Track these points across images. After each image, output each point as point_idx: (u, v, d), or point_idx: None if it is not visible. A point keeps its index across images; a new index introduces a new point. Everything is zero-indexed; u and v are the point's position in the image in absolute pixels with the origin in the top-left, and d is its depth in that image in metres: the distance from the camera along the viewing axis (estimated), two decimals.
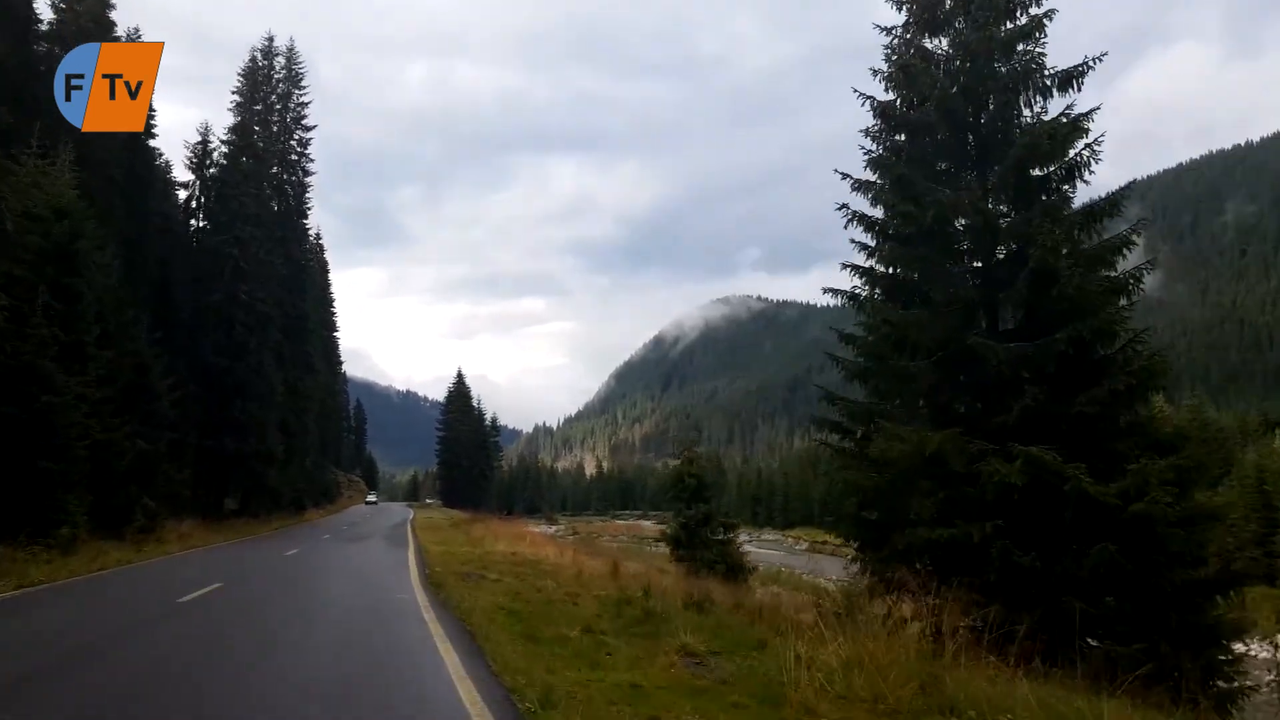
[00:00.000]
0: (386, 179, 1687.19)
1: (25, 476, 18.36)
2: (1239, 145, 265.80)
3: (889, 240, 12.25)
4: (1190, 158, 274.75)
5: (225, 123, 41.54)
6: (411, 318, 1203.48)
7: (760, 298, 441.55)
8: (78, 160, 26.53)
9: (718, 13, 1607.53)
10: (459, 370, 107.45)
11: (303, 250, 53.17)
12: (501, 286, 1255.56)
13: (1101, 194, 11.69)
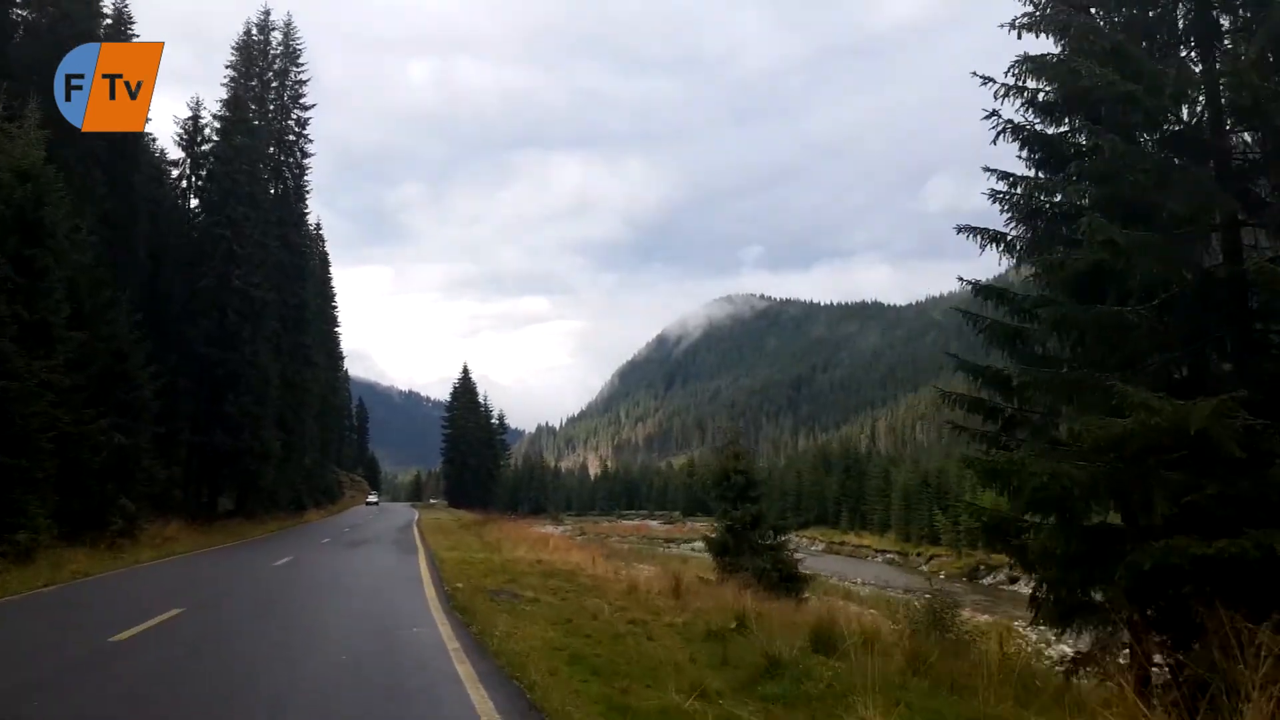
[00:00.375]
0: (388, 178, 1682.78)
1: None
2: None
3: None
4: None
5: (219, 98, 38.76)
6: (414, 317, 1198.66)
7: (763, 296, 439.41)
8: (50, 127, 23.95)
9: (722, 10, 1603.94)
10: (465, 365, 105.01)
11: (301, 236, 50.38)
12: (505, 285, 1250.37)
13: None
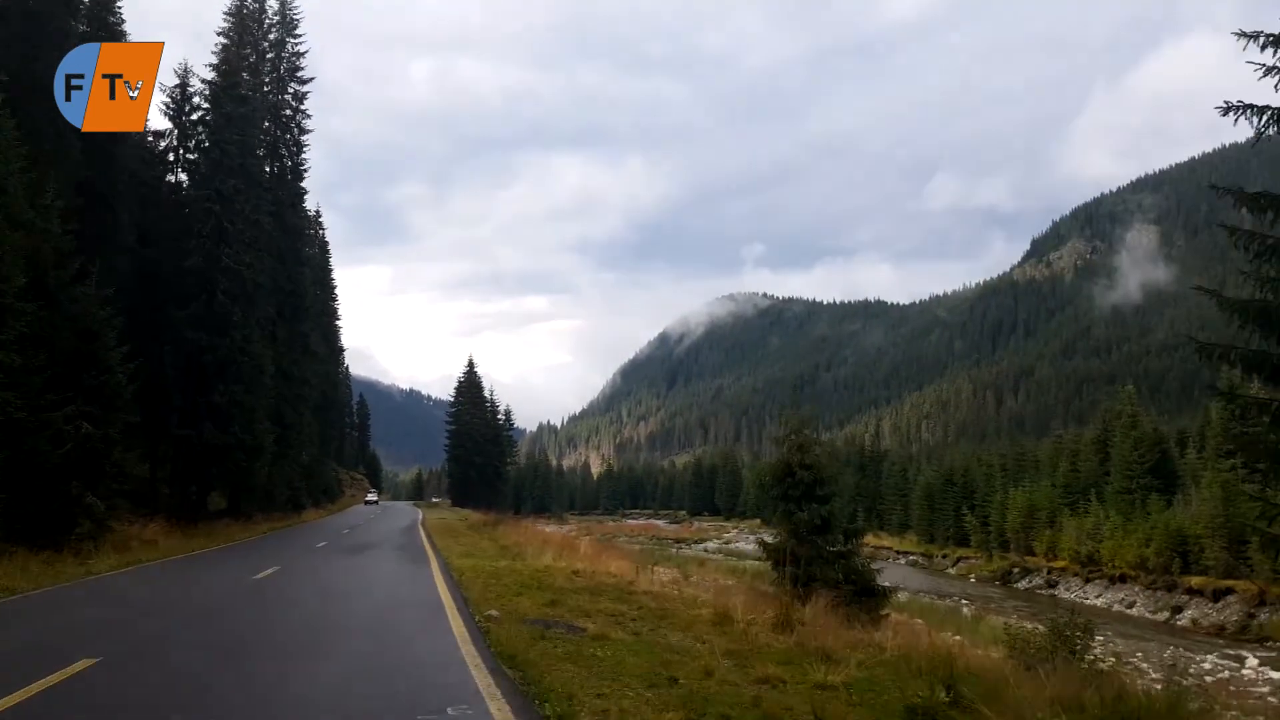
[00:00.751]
0: (390, 177, 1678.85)
1: None
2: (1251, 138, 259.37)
3: None
4: (1203, 151, 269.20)
5: (209, 63, 35.71)
6: (415, 316, 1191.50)
7: (765, 294, 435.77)
8: (14, 89, 21.16)
9: (723, 9, 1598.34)
10: (470, 359, 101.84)
11: (299, 217, 47.33)
12: (505, 284, 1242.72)
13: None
